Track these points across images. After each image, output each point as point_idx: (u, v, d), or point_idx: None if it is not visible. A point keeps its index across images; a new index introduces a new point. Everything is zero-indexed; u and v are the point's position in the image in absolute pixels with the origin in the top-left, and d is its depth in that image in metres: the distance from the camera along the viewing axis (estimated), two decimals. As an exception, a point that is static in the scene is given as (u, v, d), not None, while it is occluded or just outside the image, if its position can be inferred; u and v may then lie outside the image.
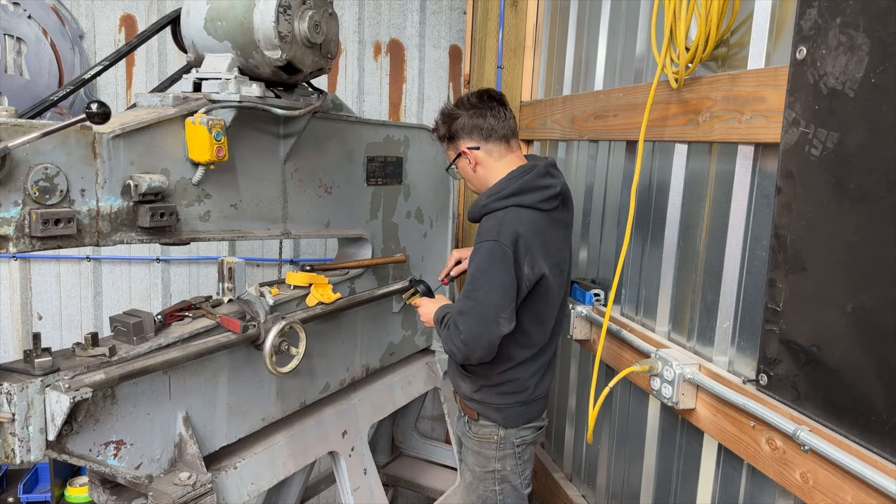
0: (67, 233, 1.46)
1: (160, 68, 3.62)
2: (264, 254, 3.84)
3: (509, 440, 2.14)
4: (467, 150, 2.08)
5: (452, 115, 2.09)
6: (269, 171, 2.04)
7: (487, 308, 1.90)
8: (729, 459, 1.82)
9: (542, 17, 3.25)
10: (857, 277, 1.36)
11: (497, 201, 2.00)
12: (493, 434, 2.14)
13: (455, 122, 2.08)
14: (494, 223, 1.95)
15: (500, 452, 2.15)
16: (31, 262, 3.68)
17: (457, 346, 1.93)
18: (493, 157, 2.08)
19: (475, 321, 1.90)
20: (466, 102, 2.09)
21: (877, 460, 1.30)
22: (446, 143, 2.17)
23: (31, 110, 1.71)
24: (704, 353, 1.92)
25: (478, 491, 2.20)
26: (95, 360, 1.59)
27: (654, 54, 1.98)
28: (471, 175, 2.14)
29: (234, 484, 1.96)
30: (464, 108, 2.08)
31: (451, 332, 1.95)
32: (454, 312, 1.97)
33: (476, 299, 1.92)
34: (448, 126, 2.11)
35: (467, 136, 2.08)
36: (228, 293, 1.98)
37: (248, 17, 1.82)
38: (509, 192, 1.99)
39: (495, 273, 1.90)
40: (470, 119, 2.06)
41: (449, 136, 2.12)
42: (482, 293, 1.91)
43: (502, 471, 2.16)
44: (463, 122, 2.07)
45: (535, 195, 1.99)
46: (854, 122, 1.35)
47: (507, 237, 1.91)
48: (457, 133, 2.09)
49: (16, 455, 1.45)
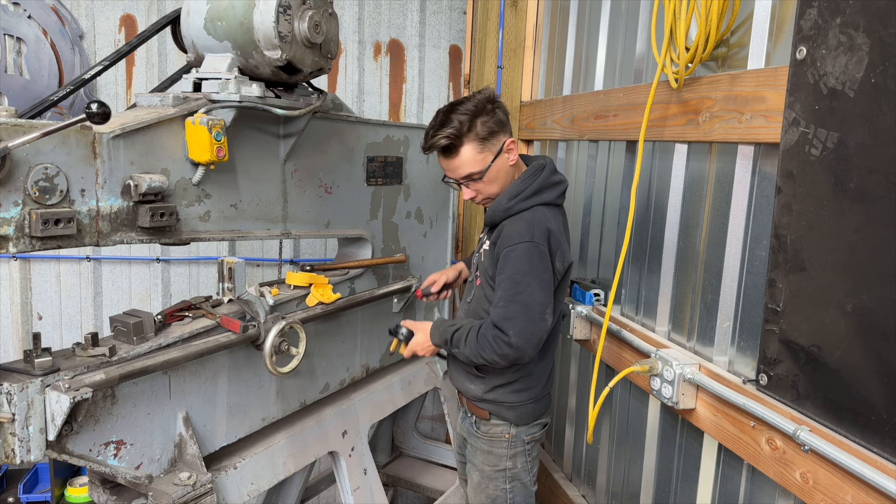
0: (67, 233, 1.46)
1: (160, 68, 3.62)
2: (264, 254, 3.84)
3: (520, 438, 2.15)
4: (511, 142, 2.02)
5: (482, 111, 1.97)
6: (269, 171, 2.04)
7: (534, 307, 1.91)
8: (729, 459, 1.82)
9: (542, 17, 3.25)
10: (857, 277, 1.36)
11: (521, 202, 1.99)
12: (504, 433, 2.14)
13: (491, 117, 1.98)
14: (524, 224, 1.95)
15: (511, 451, 2.15)
16: (31, 262, 3.68)
17: (503, 352, 1.91)
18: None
19: (524, 322, 1.90)
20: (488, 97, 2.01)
21: (877, 460, 1.30)
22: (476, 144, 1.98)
23: (31, 110, 1.72)
24: (704, 353, 1.92)
25: (487, 490, 2.20)
26: (95, 360, 1.59)
27: (654, 54, 1.98)
28: (505, 173, 2.04)
29: (234, 484, 1.96)
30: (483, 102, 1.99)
31: (490, 340, 1.92)
32: (494, 320, 1.92)
33: (521, 302, 1.91)
34: (485, 123, 1.97)
35: (504, 129, 2.02)
36: (228, 293, 1.99)
37: (248, 17, 1.82)
38: (531, 191, 2.00)
39: (536, 272, 1.92)
40: (498, 111, 2.01)
41: (486, 133, 1.97)
42: (527, 294, 1.91)
43: (513, 469, 2.16)
44: (498, 116, 2.00)
45: (553, 192, 2.03)
46: (854, 122, 1.35)
47: (540, 236, 1.93)
48: (498, 127, 1.99)
49: (16, 455, 1.46)
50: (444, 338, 2.07)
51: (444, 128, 1.96)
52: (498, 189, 2.05)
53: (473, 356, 1.98)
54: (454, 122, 1.96)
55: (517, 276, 1.92)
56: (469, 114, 1.96)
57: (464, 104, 1.99)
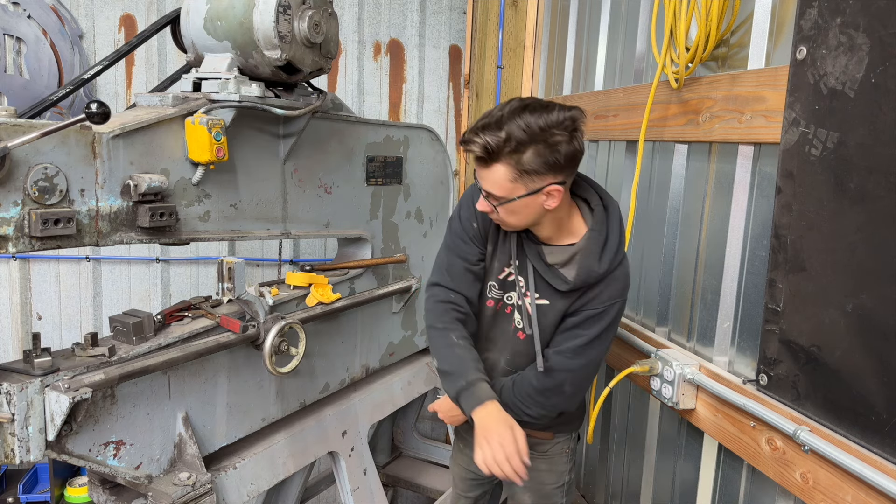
0: (67, 233, 1.46)
1: (160, 68, 3.62)
2: (264, 254, 3.84)
3: (574, 446, 2.03)
4: (557, 187, 1.56)
5: (547, 139, 1.50)
6: (268, 171, 2.04)
7: (599, 362, 1.79)
8: (729, 459, 1.82)
9: (542, 17, 3.25)
10: (857, 277, 1.36)
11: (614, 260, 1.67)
12: (565, 447, 1.99)
13: (552, 150, 1.51)
14: (620, 285, 1.69)
15: (570, 463, 2.02)
16: (30, 262, 3.68)
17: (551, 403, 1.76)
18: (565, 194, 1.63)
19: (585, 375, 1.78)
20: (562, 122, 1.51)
21: (877, 460, 1.30)
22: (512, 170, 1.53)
23: (30, 110, 1.71)
24: (704, 354, 1.92)
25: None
26: (95, 361, 1.59)
27: (654, 54, 1.98)
28: (534, 213, 1.62)
29: (234, 484, 1.96)
30: (560, 127, 1.51)
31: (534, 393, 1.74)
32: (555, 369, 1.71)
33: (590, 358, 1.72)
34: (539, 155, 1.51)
35: (560, 170, 1.55)
36: (228, 293, 1.98)
37: (247, 17, 1.82)
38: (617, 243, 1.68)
39: (616, 328, 1.76)
40: (570, 144, 1.53)
41: (531, 168, 1.52)
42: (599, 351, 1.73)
43: (570, 481, 2.04)
44: (565, 150, 1.52)
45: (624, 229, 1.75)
46: (854, 122, 1.35)
47: (627, 289, 1.73)
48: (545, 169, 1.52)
49: (15, 455, 1.45)
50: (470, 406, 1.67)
51: (490, 131, 1.52)
52: (517, 222, 1.66)
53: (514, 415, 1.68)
54: (504, 133, 1.50)
55: (600, 335, 1.69)
56: (529, 132, 1.49)
57: (537, 114, 1.51)
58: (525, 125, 1.49)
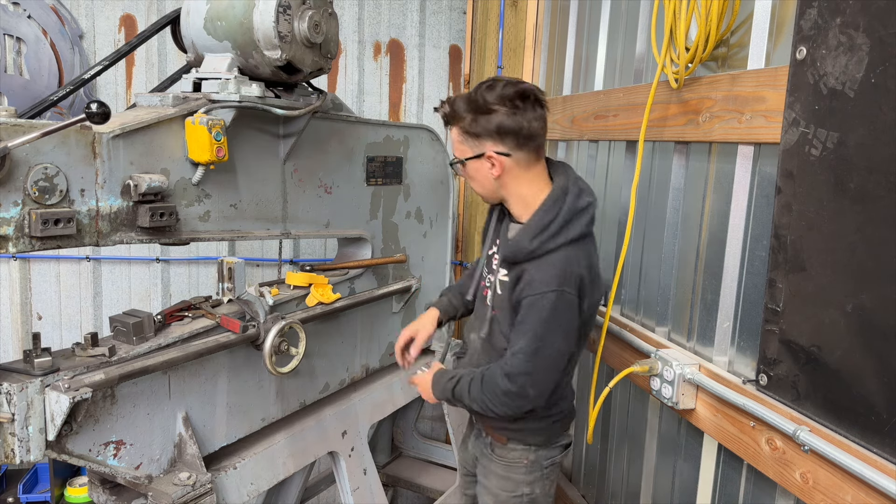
0: (67, 233, 1.46)
1: (160, 68, 3.62)
2: (264, 254, 3.84)
3: (539, 463, 1.99)
4: (494, 155, 1.77)
5: (486, 109, 1.75)
6: (268, 171, 2.04)
7: (558, 359, 1.78)
8: (729, 459, 1.82)
9: (542, 17, 3.25)
10: (857, 277, 1.36)
11: (547, 242, 1.74)
12: (522, 458, 1.98)
13: (488, 117, 1.75)
14: (553, 271, 1.72)
15: (529, 476, 1.99)
16: (30, 261, 3.68)
17: (518, 405, 1.78)
18: (521, 167, 1.80)
19: (545, 377, 1.78)
20: (504, 97, 1.74)
21: (877, 460, 1.30)
22: (460, 132, 1.82)
23: (30, 110, 1.71)
24: (704, 354, 1.92)
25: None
26: (95, 361, 1.59)
27: (654, 54, 1.98)
28: (486, 181, 1.84)
29: (234, 484, 1.96)
30: (502, 104, 1.74)
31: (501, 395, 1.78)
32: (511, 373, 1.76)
33: (545, 356, 1.75)
34: (476, 118, 1.76)
35: (500, 138, 1.76)
36: (228, 293, 1.98)
37: (247, 17, 1.82)
38: (557, 227, 1.75)
39: (562, 324, 1.74)
40: (507, 119, 1.74)
41: (473, 129, 1.78)
42: (551, 349, 1.75)
43: (531, 494, 2.00)
44: (498, 120, 1.74)
45: (581, 221, 1.78)
46: (854, 122, 1.35)
47: (571, 284, 1.73)
48: (486, 132, 1.76)
49: (15, 455, 1.45)
50: (446, 396, 1.92)
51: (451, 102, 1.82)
52: (480, 191, 1.90)
53: (482, 410, 1.83)
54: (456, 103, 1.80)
55: (541, 330, 1.73)
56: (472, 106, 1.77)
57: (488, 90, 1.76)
58: (473, 95, 1.78)
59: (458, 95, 1.84)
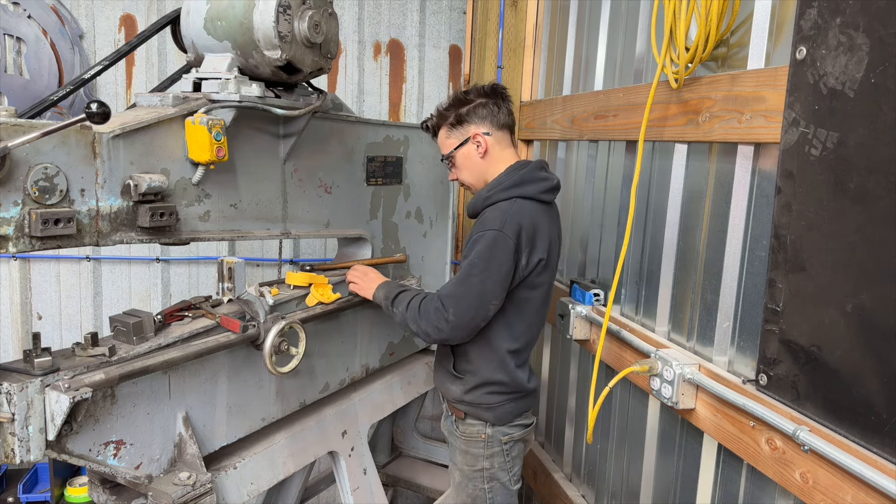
0: (67, 233, 1.46)
1: (160, 68, 3.62)
2: (264, 254, 3.84)
3: (496, 438, 2.16)
4: (480, 135, 2.11)
5: (465, 100, 2.13)
6: (268, 170, 2.04)
7: (483, 294, 1.96)
8: (729, 459, 1.82)
9: (542, 16, 3.25)
10: (857, 277, 1.36)
11: (500, 192, 2.06)
12: (480, 433, 2.16)
13: (468, 105, 2.13)
14: (499, 213, 2.00)
15: (487, 451, 2.17)
16: (30, 261, 3.68)
17: (438, 326, 1.98)
18: (500, 146, 2.15)
19: (467, 305, 1.96)
20: (480, 90, 2.15)
21: (877, 460, 1.30)
22: (446, 130, 2.18)
23: (30, 110, 1.71)
24: (704, 353, 1.92)
25: (467, 490, 2.23)
26: (95, 360, 1.59)
27: (654, 54, 1.98)
28: (475, 163, 2.15)
29: (234, 484, 1.96)
30: (477, 94, 2.14)
31: (431, 312, 1.99)
32: (441, 295, 2.00)
33: (472, 285, 1.96)
34: (458, 109, 2.14)
35: (480, 120, 2.12)
36: (228, 293, 1.98)
37: (247, 17, 1.82)
38: (511, 183, 2.06)
39: (495, 261, 1.95)
40: (484, 105, 2.12)
41: (458, 119, 2.14)
42: (479, 280, 1.96)
43: (490, 469, 2.18)
44: (477, 106, 2.12)
45: (536, 186, 2.07)
46: (854, 122, 1.35)
47: (511, 228, 1.97)
48: (469, 117, 2.12)
49: (15, 455, 1.45)
50: (389, 294, 2.15)
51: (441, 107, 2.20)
52: (469, 177, 2.19)
53: (410, 321, 2.05)
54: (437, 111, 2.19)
55: (476, 260, 1.96)
56: (454, 104, 2.15)
57: (464, 92, 2.18)
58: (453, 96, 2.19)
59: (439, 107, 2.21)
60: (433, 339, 2.04)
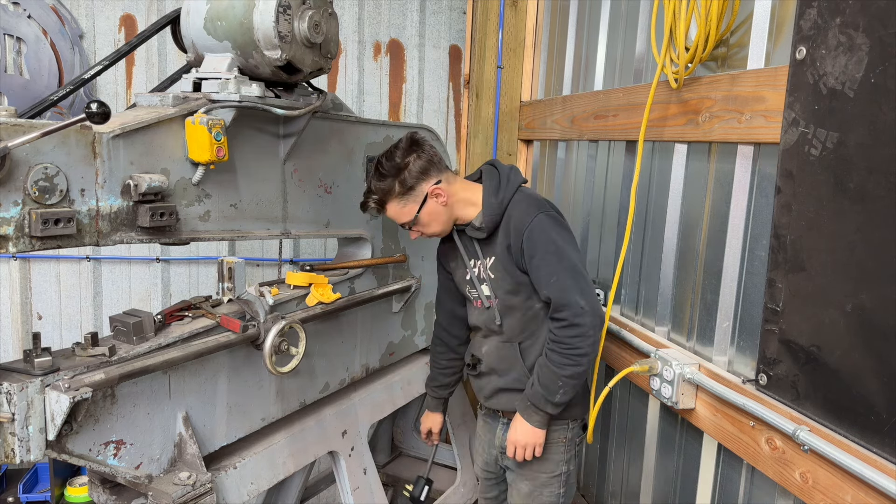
0: (67, 233, 1.46)
1: (160, 68, 3.62)
2: (264, 254, 3.84)
3: (574, 441, 2.14)
4: (434, 188, 2.02)
5: (400, 167, 2.00)
6: (268, 170, 2.04)
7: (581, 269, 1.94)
8: (729, 459, 1.83)
9: (542, 16, 3.25)
10: (857, 277, 1.36)
11: (507, 190, 2.03)
12: (561, 437, 2.10)
13: (407, 171, 2.00)
14: (524, 205, 1.99)
15: (567, 455, 2.13)
16: (30, 261, 3.68)
17: (585, 325, 1.88)
18: (453, 183, 2.08)
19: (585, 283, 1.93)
20: (403, 150, 2.03)
21: (877, 460, 1.30)
22: (397, 201, 2.03)
23: (30, 110, 1.71)
24: (704, 353, 1.92)
25: (540, 499, 2.14)
26: (95, 360, 1.59)
27: (654, 54, 1.98)
28: (440, 213, 2.05)
29: (234, 484, 1.96)
30: (405, 155, 2.01)
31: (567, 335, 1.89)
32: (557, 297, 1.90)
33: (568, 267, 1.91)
34: (400, 179, 2.00)
35: (427, 175, 2.02)
36: (228, 293, 1.98)
37: (247, 17, 1.82)
38: (505, 179, 2.06)
39: (563, 235, 1.96)
40: (419, 160, 2.02)
41: (406, 187, 2.01)
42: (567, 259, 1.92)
43: (568, 472, 2.15)
44: (416, 165, 2.01)
45: (518, 178, 2.09)
46: (854, 122, 1.35)
47: (545, 206, 1.99)
48: (416, 179, 2.01)
49: (15, 455, 1.45)
50: (544, 404, 1.96)
51: (370, 194, 2.07)
52: (438, 227, 2.10)
53: (574, 363, 1.90)
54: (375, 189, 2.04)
55: (551, 247, 1.92)
56: (390, 175, 2.01)
57: (389, 160, 2.02)
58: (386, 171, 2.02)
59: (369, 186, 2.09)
60: (597, 337, 1.93)
